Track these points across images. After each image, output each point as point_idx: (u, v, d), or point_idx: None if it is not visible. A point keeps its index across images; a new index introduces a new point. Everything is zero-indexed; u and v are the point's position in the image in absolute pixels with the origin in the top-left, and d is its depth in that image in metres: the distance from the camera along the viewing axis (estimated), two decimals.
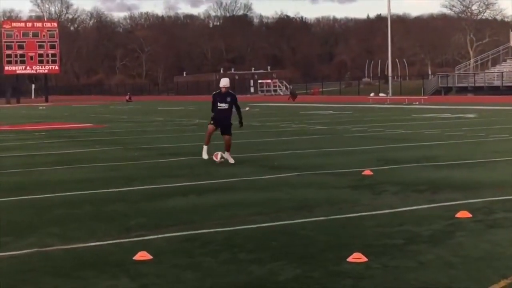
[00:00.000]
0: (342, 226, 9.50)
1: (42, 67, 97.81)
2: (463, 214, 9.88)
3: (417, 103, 59.18)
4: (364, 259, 7.59)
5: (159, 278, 7.15)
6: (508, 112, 40.22)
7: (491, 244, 8.28)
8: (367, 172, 14.59)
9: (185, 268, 7.50)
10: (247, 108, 52.68)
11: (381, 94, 79.55)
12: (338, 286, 6.76)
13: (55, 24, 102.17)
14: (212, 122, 17.08)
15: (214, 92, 17.50)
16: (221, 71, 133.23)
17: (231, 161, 16.80)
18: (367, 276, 7.03)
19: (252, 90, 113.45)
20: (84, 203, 11.70)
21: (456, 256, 7.75)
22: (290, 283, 6.91)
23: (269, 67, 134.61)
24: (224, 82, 17.13)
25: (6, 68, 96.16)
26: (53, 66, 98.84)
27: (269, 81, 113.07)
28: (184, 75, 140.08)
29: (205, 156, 17.09)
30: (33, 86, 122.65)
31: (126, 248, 8.40)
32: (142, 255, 7.90)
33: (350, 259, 7.60)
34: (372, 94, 77.80)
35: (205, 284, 6.92)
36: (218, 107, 17.01)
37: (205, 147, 17.20)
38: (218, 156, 16.70)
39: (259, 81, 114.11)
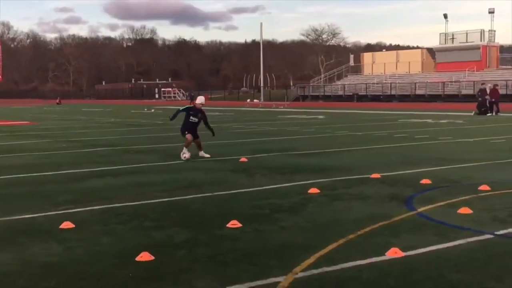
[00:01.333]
0: (223, 200, 9.54)
1: None
2: (313, 190, 10.08)
3: (282, 107, 59.86)
4: (239, 225, 7.66)
5: (80, 242, 7.00)
6: (348, 114, 41.32)
7: (333, 212, 8.51)
8: (243, 159, 14.69)
9: (101, 234, 7.37)
10: (152, 110, 51.99)
11: (255, 100, 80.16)
12: (220, 245, 6.81)
13: None
14: (187, 132, 15.21)
15: (189, 106, 15.56)
16: (133, 81, 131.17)
17: (207, 156, 15.22)
18: (241, 238, 7.11)
19: (157, 96, 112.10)
20: (22, 184, 11.30)
21: (308, 222, 7.93)
22: (184, 243, 6.91)
23: (170, 78, 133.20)
24: (202, 100, 15.32)
25: None
26: None
27: (170, 89, 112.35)
28: (103, 84, 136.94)
29: (187, 155, 14.72)
30: None
31: (54, 219, 8.17)
32: (67, 224, 7.71)
33: (229, 225, 7.65)
34: (248, 100, 78.28)
35: (117, 246, 6.83)
36: (190, 120, 15.20)
37: (185, 149, 14.95)
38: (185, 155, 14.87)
39: (162, 89, 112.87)
